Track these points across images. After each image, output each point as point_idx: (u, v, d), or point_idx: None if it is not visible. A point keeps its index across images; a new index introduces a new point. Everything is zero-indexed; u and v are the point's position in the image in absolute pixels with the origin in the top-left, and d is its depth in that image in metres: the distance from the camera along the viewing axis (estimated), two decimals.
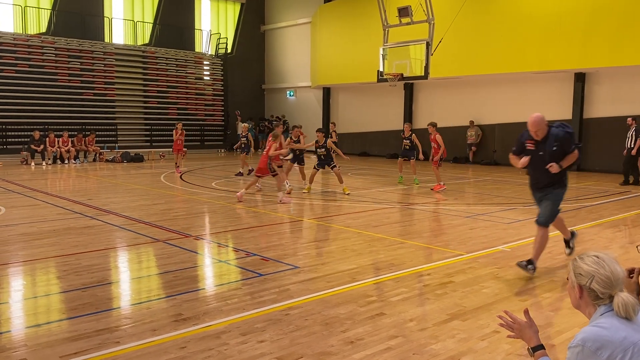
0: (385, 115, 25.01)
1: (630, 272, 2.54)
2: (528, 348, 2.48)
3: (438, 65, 18.10)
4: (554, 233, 8.65)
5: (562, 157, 5.89)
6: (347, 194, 12.51)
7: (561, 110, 19.62)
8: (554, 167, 5.82)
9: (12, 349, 4.07)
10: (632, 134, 14.99)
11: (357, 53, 23.68)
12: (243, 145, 16.80)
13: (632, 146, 14.92)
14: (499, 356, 4.04)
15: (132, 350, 4.06)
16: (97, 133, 23.01)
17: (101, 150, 22.12)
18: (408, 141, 14.59)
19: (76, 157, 20.98)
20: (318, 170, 13.34)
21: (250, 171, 16.07)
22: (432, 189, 13.54)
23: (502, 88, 21.20)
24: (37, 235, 8.00)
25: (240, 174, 16.37)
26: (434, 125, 13.52)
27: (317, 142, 13.20)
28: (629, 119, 15.27)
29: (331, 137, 16.49)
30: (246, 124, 17.79)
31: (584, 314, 2.32)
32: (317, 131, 13.47)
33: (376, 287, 5.76)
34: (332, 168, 13.07)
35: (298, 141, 13.71)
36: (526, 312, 2.55)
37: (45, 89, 22.82)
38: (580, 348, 2.11)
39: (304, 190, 13.03)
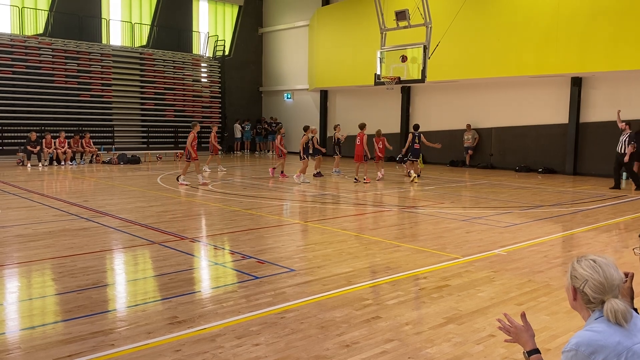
0: (382, 118, 25.00)
1: (624, 276, 2.54)
2: (524, 352, 2.47)
3: (435, 69, 18.14)
4: (550, 236, 8.67)
5: None
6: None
7: (558, 114, 19.69)
8: None
9: (5, 351, 4.05)
10: (625, 139, 14.75)
11: (355, 56, 23.71)
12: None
13: (623, 151, 14.67)
14: None
15: (127, 353, 4.04)
16: (94, 135, 23.02)
17: (98, 152, 22.07)
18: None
19: (72, 159, 20.92)
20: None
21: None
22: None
23: (499, 92, 21.24)
24: (32, 237, 7.97)
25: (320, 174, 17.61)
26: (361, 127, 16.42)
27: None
28: (623, 123, 15.08)
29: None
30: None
31: (580, 315, 2.32)
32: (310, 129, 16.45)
33: (372, 290, 5.76)
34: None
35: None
36: (523, 315, 2.55)
37: (42, 90, 22.77)
38: (574, 352, 2.11)
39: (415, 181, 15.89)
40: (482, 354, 4.13)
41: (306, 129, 16.29)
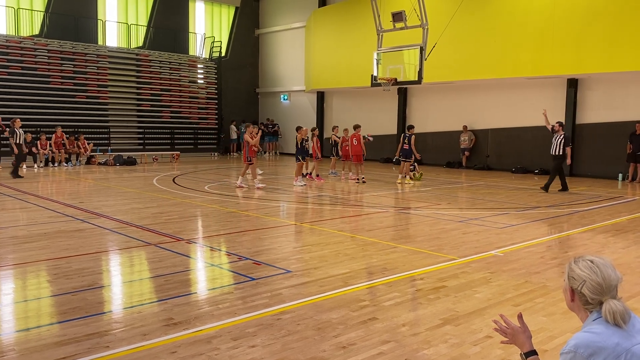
0: (379, 119, 25.05)
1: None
2: (521, 353, 2.46)
3: (432, 71, 18.15)
4: (547, 237, 8.68)
5: None
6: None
7: (554, 116, 19.70)
8: None
9: (0, 353, 4.02)
10: (559, 141, 14.09)
11: (351, 57, 23.72)
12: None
13: (558, 153, 14.10)
14: None
15: (122, 355, 4.02)
16: (90, 136, 22.94)
17: (93, 153, 21.99)
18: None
19: (68, 160, 20.85)
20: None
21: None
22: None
23: (495, 93, 21.28)
24: (27, 239, 7.93)
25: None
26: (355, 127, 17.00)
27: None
28: (556, 124, 14.48)
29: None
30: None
31: (578, 317, 2.30)
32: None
33: (369, 291, 5.74)
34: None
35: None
36: (520, 317, 2.54)
37: (38, 91, 22.71)
38: (573, 354, 2.09)
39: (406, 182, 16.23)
40: (479, 355, 4.12)
41: (298, 129, 16.17)
